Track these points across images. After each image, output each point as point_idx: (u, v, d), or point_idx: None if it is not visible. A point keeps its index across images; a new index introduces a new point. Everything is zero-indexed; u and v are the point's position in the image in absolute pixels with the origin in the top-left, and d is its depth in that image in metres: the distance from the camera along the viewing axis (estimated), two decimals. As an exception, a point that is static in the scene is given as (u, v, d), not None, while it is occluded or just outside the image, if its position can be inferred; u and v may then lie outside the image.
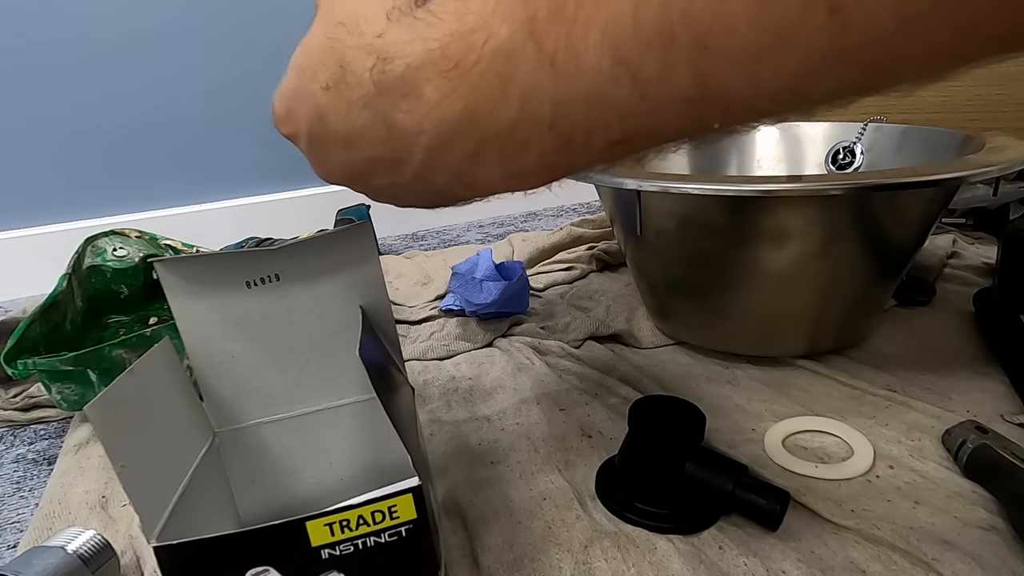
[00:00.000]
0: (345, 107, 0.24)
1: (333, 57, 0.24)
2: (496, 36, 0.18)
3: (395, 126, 0.22)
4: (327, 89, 0.24)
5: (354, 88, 0.23)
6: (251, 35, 1.01)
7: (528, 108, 0.19)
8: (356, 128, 0.24)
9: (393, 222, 1.15)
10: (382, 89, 0.22)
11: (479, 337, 0.63)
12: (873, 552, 0.34)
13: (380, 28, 0.22)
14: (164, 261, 0.31)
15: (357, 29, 0.23)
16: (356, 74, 0.23)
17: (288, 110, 0.27)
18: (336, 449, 0.37)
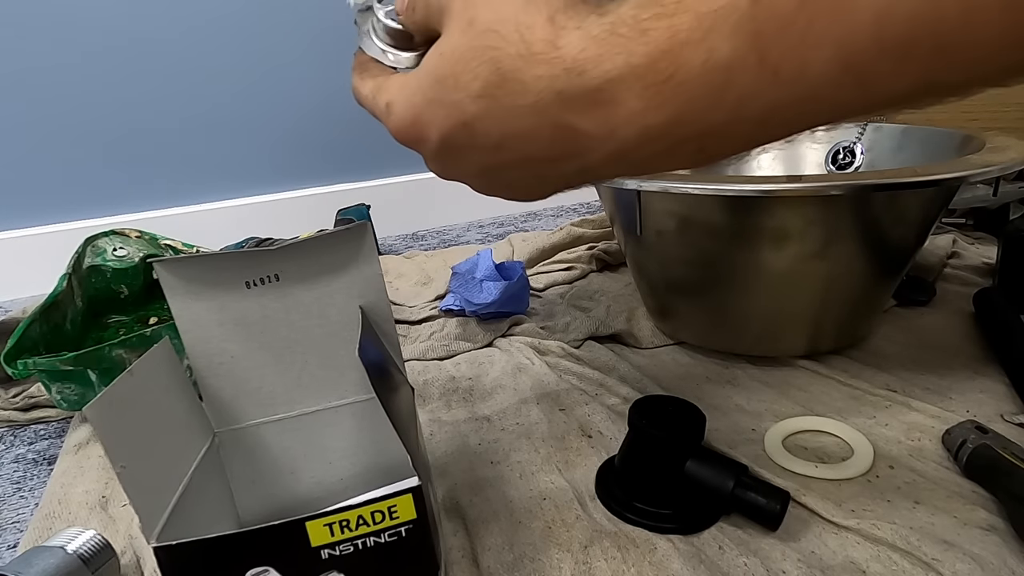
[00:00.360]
0: (502, 113, 0.25)
1: (488, 66, 0.24)
2: (718, 52, 0.19)
3: (574, 130, 0.24)
4: (480, 97, 0.25)
5: (518, 95, 0.24)
6: (251, 35, 1.01)
7: (740, 110, 0.21)
8: (515, 132, 0.25)
9: (393, 222, 1.15)
10: (565, 98, 0.23)
11: (479, 337, 0.63)
12: (873, 552, 0.34)
13: (547, 35, 0.23)
14: (164, 261, 0.31)
15: (517, 36, 0.24)
16: (523, 82, 0.24)
17: (417, 119, 0.28)
18: (336, 449, 0.37)
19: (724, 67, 0.20)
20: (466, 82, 0.25)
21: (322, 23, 1.05)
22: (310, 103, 1.07)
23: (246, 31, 1.00)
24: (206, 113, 1.01)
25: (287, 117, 1.07)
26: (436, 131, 0.27)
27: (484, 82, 0.25)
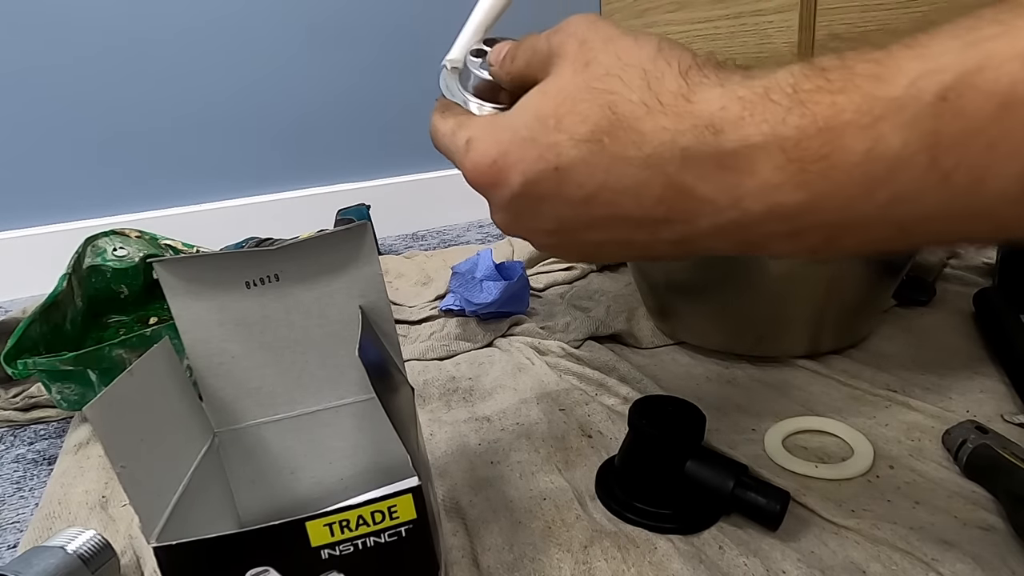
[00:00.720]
0: (607, 163, 0.23)
1: (601, 110, 0.23)
2: (885, 144, 0.18)
3: (689, 192, 0.22)
4: (585, 142, 0.23)
5: (631, 145, 0.22)
6: (251, 35, 1.01)
7: (891, 210, 0.19)
8: (617, 185, 0.23)
9: (393, 222, 1.15)
10: (690, 156, 0.21)
11: (479, 337, 0.63)
12: (873, 552, 0.34)
13: (679, 87, 0.22)
14: (164, 261, 0.31)
15: (642, 83, 0.22)
16: (641, 132, 0.22)
17: (500, 158, 0.25)
18: (336, 449, 0.37)
19: (888, 159, 0.18)
20: (571, 123, 0.23)
21: (322, 23, 1.05)
22: (310, 103, 1.07)
23: (246, 31, 1.00)
24: (206, 113, 1.02)
25: (287, 117, 1.07)
26: (520, 174, 0.25)
27: (593, 126, 0.23)
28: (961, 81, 0.16)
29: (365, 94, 1.11)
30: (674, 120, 0.21)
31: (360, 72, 1.09)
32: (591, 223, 0.25)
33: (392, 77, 1.12)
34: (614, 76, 0.23)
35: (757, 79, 0.21)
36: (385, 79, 1.11)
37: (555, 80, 0.25)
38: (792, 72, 0.20)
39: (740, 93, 0.21)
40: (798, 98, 0.19)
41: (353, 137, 1.12)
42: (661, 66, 0.22)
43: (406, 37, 1.11)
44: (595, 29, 0.25)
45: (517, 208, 0.26)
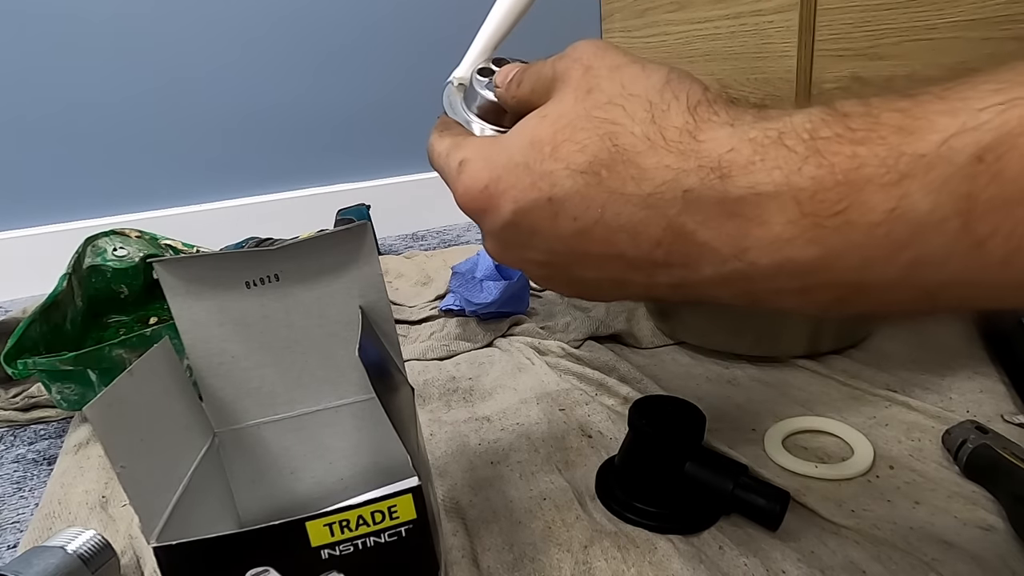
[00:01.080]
0: (604, 198, 0.21)
1: (601, 140, 0.21)
2: (910, 205, 0.16)
3: (690, 237, 0.20)
4: (581, 173, 0.22)
5: (631, 182, 0.21)
6: (252, 36, 1.01)
7: (914, 275, 0.17)
8: (612, 222, 0.21)
9: (393, 222, 1.15)
10: (692, 199, 0.20)
11: (479, 337, 0.63)
12: (873, 552, 0.34)
13: (685, 122, 0.20)
14: (164, 261, 0.31)
15: (646, 116, 0.21)
16: (642, 168, 0.21)
17: (492, 183, 0.24)
18: (336, 449, 0.37)
19: (914, 222, 0.16)
20: (567, 152, 0.22)
21: (322, 23, 1.05)
22: (310, 103, 1.07)
23: (246, 32, 1.00)
24: (206, 113, 1.02)
25: (287, 117, 1.07)
26: (512, 202, 0.24)
27: (591, 157, 0.21)
28: (1001, 142, 0.14)
29: (365, 94, 1.11)
30: (678, 158, 0.20)
31: (360, 72, 1.09)
32: (584, 259, 0.23)
33: (392, 77, 1.12)
34: (617, 106, 0.22)
35: (771, 121, 0.19)
36: (385, 79, 1.11)
37: (555, 105, 0.23)
38: (810, 116, 0.18)
39: (752, 135, 0.19)
40: (815, 146, 0.18)
41: (353, 137, 1.12)
42: (668, 98, 0.21)
43: (406, 38, 1.11)
44: (601, 56, 0.23)
45: (508, 237, 0.25)
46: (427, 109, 1.21)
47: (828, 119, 0.18)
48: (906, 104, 0.16)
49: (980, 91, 0.15)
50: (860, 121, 0.17)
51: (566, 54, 0.25)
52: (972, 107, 0.15)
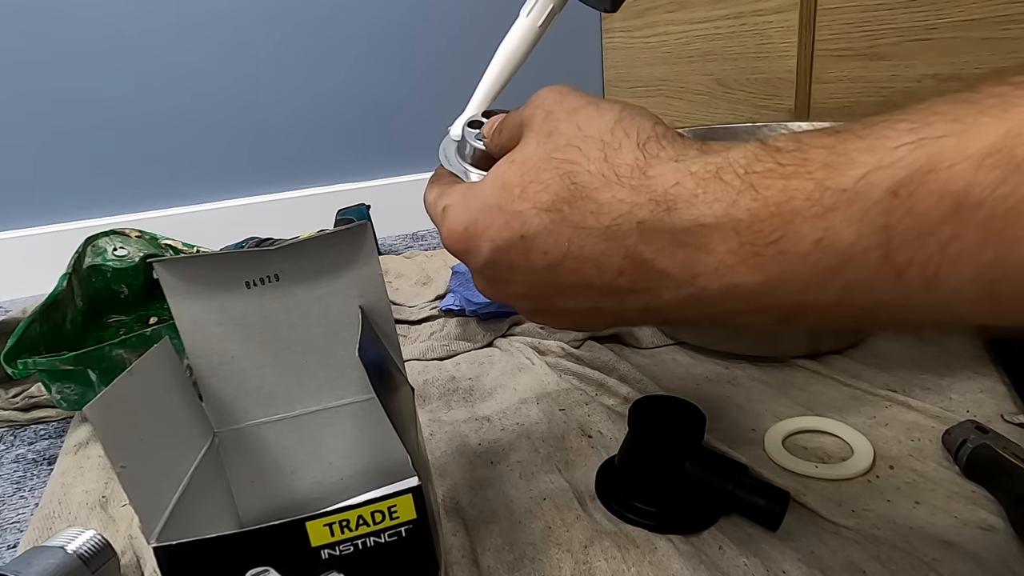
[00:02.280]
0: (569, 232, 0.23)
1: (561, 179, 0.23)
2: (836, 235, 0.17)
3: (649, 265, 0.22)
4: (546, 211, 0.24)
5: (590, 215, 0.22)
6: (252, 36, 1.01)
7: (848, 297, 0.18)
8: (579, 254, 0.23)
9: (393, 222, 1.15)
10: (646, 230, 0.21)
11: (479, 337, 0.63)
12: (873, 552, 0.34)
13: (636, 159, 0.22)
14: (164, 261, 0.31)
15: (600, 155, 0.23)
16: (599, 203, 0.22)
17: (470, 225, 0.26)
18: (336, 449, 0.37)
19: (840, 252, 0.17)
20: (533, 192, 0.24)
21: (322, 24, 1.05)
22: (310, 103, 1.08)
23: (247, 32, 1.00)
24: (207, 113, 1.02)
25: (287, 117, 1.07)
26: (489, 241, 0.26)
27: (554, 196, 0.23)
28: (912, 179, 0.16)
29: (365, 94, 1.11)
30: (630, 193, 0.22)
31: (360, 72, 1.09)
32: (560, 290, 0.25)
33: (392, 78, 1.12)
34: (574, 147, 0.23)
35: (712, 155, 0.20)
36: (385, 80, 1.11)
37: (521, 150, 0.25)
38: (746, 151, 0.20)
39: (694, 169, 0.20)
40: (750, 180, 0.19)
41: (353, 137, 1.12)
42: (619, 136, 0.23)
43: (407, 38, 1.11)
44: (560, 100, 0.25)
45: (490, 274, 0.27)
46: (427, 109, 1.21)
47: (761, 155, 0.19)
48: (831, 140, 0.18)
49: (896, 129, 0.16)
50: (790, 157, 0.18)
51: (530, 101, 0.27)
52: (887, 145, 0.16)
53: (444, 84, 1.16)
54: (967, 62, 0.65)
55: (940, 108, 0.16)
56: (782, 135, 0.19)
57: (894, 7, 0.71)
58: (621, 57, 1.18)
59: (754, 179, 0.19)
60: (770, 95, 0.90)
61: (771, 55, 0.88)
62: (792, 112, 0.87)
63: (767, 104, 0.91)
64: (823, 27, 0.80)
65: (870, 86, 0.76)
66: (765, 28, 0.88)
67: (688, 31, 1.02)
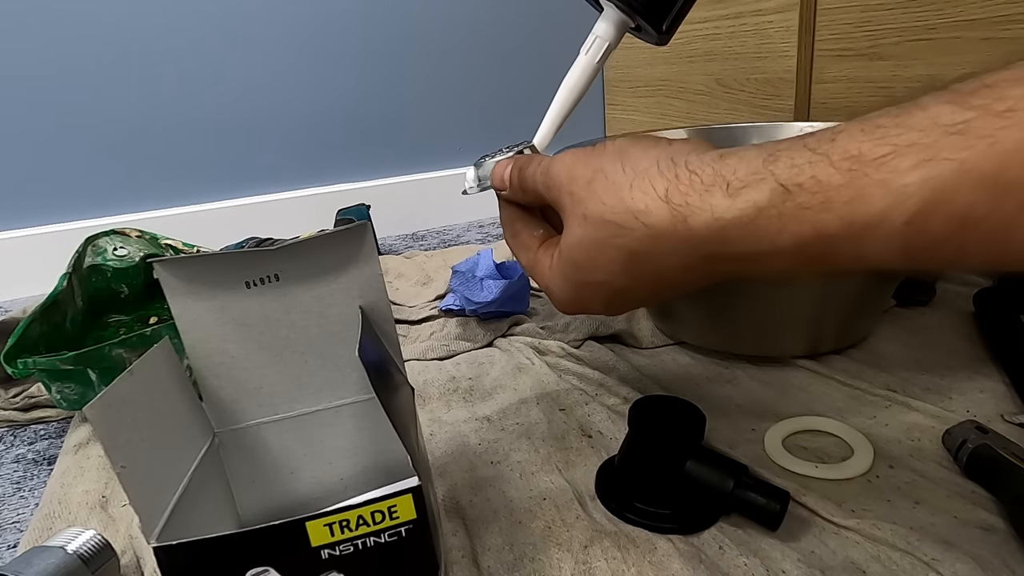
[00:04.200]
0: (650, 279, 0.28)
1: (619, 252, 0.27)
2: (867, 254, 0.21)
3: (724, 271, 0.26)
4: (624, 273, 0.28)
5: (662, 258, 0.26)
6: (252, 36, 1.01)
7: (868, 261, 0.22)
8: (668, 283, 0.28)
9: (393, 222, 1.15)
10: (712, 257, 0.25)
11: (479, 337, 0.63)
12: (873, 552, 0.34)
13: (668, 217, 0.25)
14: (164, 261, 0.31)
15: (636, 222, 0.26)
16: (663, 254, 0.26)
17: (575, 300, 0.32)
18: (336, 449, 0.37)
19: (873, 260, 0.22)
20: (604, 264, 0.28)
21: (323, 24, 1.05)
22: (310, 103, 1.08)
23: (246, 32, 1.00)
24: (207, 113, 1.02)
25: (287, 117, 1.07)
26: (598, 302, 0.31)
27: (623, 264, 0.27)
28: (923, 211, 0.19)
29: (365, 95, 1.11)
30: (684, 244, 0.25)
31: (360, 73, 1.10)
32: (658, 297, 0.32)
33: (392, 78, 1.12)
34: (609, 222, 0.27)
35: (739, 196, 0.23)
36: (385, 80, 1.11)
37: (571, 232, 0.29)
38: (772, 192, 0.22)
39: (729, 216, 0.24)
40: (783, 222, 0.22)
41: (353, 137, 1.12)
42: (641, 199, 0.26)
43: (406, 38, 1.11)
44: (573, 176, 0.29)
45: (612, 307, 0.32)
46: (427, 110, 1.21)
47: (788, 194, 0.22)
48: (846, 178, 0.21)
49: (905, 158, 0.19)
50: (812, 197, 0.22)
51: (550, 180, 0.30)
52: (899, 182, 0.19)
53: (444, 85, 1.16)
54: (967, 62, 0.65)
55: (944, 119, 0.19)
56: (791, 164, 0.22)
57: (894, 7, 0.71)
58: (621, 57, 1.18)
59: (787, 220, 0.22)
60: (770, 95, 0.90)
61: (771, 55, 0.88)
62: (792, 112, 0.87)
63: (767, 104, 0.91)
64: (823, 27, 0.80)
65: (870, 86, 0.76)
66: (765, 28, 0.88)
67: (688, 31, 1.02)
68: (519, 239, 0.36)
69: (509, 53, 1.19)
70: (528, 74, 1.21)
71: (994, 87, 0.18)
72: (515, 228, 0.36)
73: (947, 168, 0.18)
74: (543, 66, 1.21)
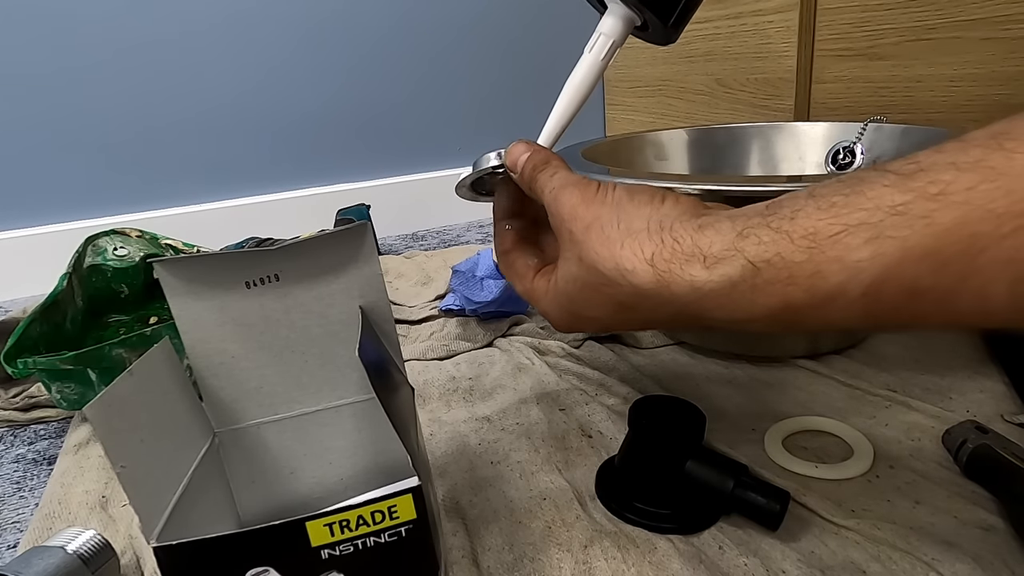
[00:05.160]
0: (639, 321, 0.30)
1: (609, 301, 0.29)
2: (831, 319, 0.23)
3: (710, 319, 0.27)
4: (614, 315, 0.30)
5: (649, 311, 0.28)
6: (252, 36, 1.01)
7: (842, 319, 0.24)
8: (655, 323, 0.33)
9: (393, 222, 1.15)
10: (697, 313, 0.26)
11: (479, 337, 0.63)
12: (873, 552, 0.34)
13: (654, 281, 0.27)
14: (164, 261, 0.31)
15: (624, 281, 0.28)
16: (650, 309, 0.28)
17: (571, 325, 0.33)
18: (336, 449, 0.37)
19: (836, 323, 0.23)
20: (596, 306, 0.30)
21: (323, 23, 1.05)
22: (310, 103, 1.08)
23: (246, 31, 1.00)
24: (207, 113, 1.02)
25: (287, 117, 1.07)
26: (594, 328, 0.33)
27: (612, 310, 0.29)
28: (875, 284, 0.21)
29: (365, 94, 1.11)
30: (670, 306, 0.27)
31: (360, 73, 1.09)
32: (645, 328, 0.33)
33: (392, 78, 1.12)
34: (600, 272, 0.28)
35: (718, 266, 0.25)
36: (385, 80, 1.11)
37: (567, 266, 0.31)
38: (744, 269, 0.24)
39: (706, 290, 0.25)
40: (753, 296, 0.24)
41: (353, 137, 1.12)
42: (630, 258, 0.27)
43: (406, 38, 1.11)
44: (575, 216, 0.30)
45: (609, 331, 0.35)
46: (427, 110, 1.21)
47: (756, 271, 0.24)
48: (807, 256, 0.23)
49: (856, 238, 0.21)
50: (776, 272, 0.23)
51: (553, 209, 0.32)
52: (851, 258, 0.21)
53: (445, 85, 1.16)
54: (967, 62, 0.65)
55: (886, 201, 0.21)
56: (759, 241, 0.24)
57: (894, 7, 0.71)
58: (621, 57, 1.18)
59: (758, 293, 0.24)
60: (770, 95, 0.90)
61: (771, 55, 0.88)
62: (792, 112, 0.87)
63: (767, 104, 0.91)
64: (823, 27, 0.80)
65: (870, 86, 0.76)
66: (765, 28, 0.88)
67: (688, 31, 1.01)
68: (514, 268, 0.37)
69: (510, 52, 1.19)
70: (529, 73, 1.21)
71: (928, 171, 0.20)
72: (510, 259, 0.37)
73: (892, 245, 0.20)
74: (545, 65, 1.21)
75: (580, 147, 0.62)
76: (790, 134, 0.70)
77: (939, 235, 0.20)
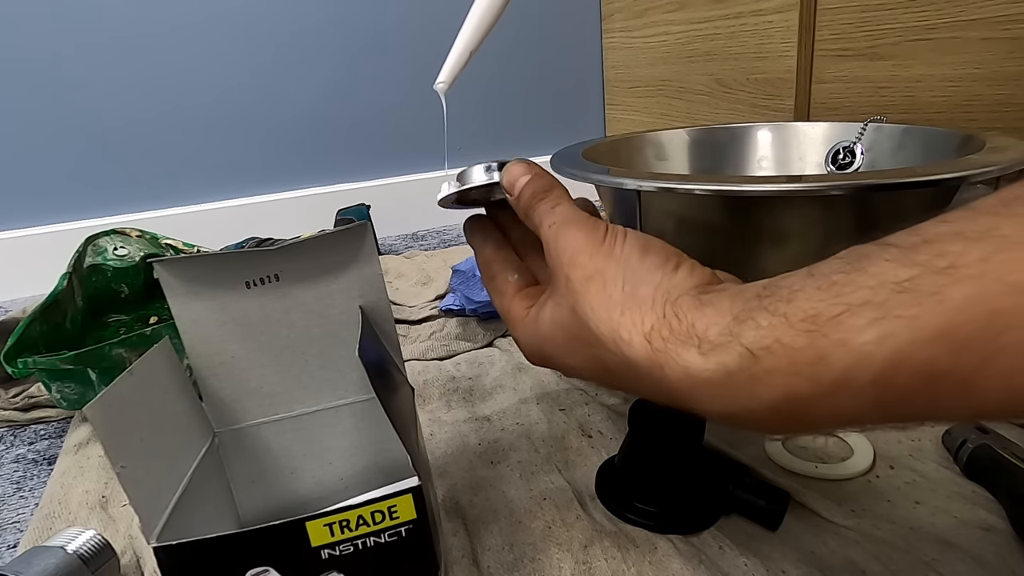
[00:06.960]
0: (619, 386, 0.28)
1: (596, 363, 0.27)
2: (842, 407, 0.20)
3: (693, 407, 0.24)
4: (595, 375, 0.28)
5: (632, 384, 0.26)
6: (252, 35, 1.01)
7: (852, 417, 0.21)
8: (632, 391, 0.28)
9: (393, 222, 1.15)
10: (681, 399, 0.24)
11: (479, 337, 0.63)
12: (873, 552, 0.34)
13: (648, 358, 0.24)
14: (164, 261, 0.31)
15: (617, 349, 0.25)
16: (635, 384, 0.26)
17: (544, 362, 0.31)
18: (336, 449, 0.37)
19: (847, 415, 0.21)
20: (579, 358, 0.28)
21: (322, 23, 1.05)
22: (310, 103, 1.08)
23: (246, 31, 1.00)
24: (207, 113, 1.02)
25: (287, 117, 1.07)
26: (565, 372, 0.31)
27: (594, 368, 0.27)
28: (885, 371, 0.19)
29: (365, 94, 1.11)
30: (659, 386, 0.24)
31: (360, 72, 1.09)
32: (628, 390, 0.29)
33: (392, 78, 1.12)
34: (592, 332, 0.26)
35: (715, 352, 0.23)
36: (385, 80, 1.11)
37: (557, 309, 0.29)
38: (741, 356, 0.22)
39: (702, 378, 0.23)
40: (754, 384, 0.22)
41: (353, 137, 1.12)
42: (628, 327, 0.25)
43: (406, 38, 1.11)
44: (575, 263, 0.28)
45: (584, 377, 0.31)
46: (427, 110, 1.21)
47: (758, 355, 0.22)
48: (807, 340, 0.21)
49: (860, 319, 0.19)
50: (778, 359, 0.21)
51: (550, 248, 0.29)
52: (857, 340, 0.19)
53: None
54: (967, 62, 0.65)
55: (889, 277, 0.19)
56: (756, 326, 0.22)
57: (894, 7, 0.71)
58: (621, 57, 1.18)
59: (757, 384, 0.21)
60: (770, 95, 0.90)
61: (771, 55, 0.88)
62: (792, 112, 0.87)
63: (767, 104, 0.91)
64: (823, 27, 0.80)
65: (870, 86, 0.76)
66: (765, 28, 0.88)
67: (688, 31, 1.02)
68: (494, 283, 0.35)
69: (510, 52, 1.19)
70: (529, 73, 1.21)
71: (933, 242, 0.19)
72: (492, 271, 0.35)
73: (900, 325, 0.18)
74: (545, 65, 1.21)
75: (580, 147, 0.62)
76: (790, 134, 0.70)
77: (952, 314, 0.17)
